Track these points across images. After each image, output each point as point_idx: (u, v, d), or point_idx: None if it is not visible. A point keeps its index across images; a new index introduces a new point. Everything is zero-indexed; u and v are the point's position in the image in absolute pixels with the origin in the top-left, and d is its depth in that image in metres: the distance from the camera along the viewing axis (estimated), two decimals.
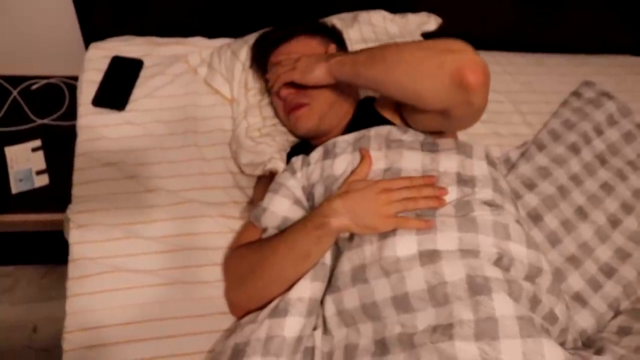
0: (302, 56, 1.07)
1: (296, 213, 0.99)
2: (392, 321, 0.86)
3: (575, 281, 1.14)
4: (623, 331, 1.06)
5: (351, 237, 0.92)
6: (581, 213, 1.24)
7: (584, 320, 1.09)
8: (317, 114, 1.08)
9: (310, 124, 1.09)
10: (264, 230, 1.02)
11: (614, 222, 1.26)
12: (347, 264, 0.91)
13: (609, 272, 1.17)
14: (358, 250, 0.90)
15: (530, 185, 1.25)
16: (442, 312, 0.82)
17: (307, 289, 0.90)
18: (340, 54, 1.03)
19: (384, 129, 1.02)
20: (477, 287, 0.81)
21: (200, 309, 1.03)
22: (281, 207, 0.99)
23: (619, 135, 1.42)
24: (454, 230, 0.87)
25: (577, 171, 1.31)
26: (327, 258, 0.94)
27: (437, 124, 0.98)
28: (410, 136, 1.00)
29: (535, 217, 1.20)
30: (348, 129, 1.07)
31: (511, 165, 1.31)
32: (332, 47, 1.16)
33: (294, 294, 0.90)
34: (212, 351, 0.97)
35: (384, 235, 0.88)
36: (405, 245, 0.86)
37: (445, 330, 0.80)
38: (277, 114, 1.21)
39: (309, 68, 1.04)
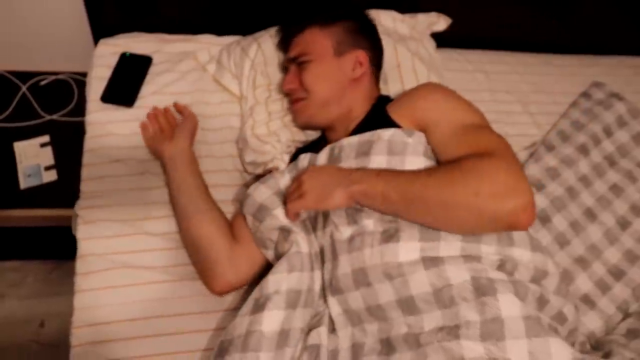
0: (305, 179, 0.95)
1: (273, 202, 1.00)
2: (398, 322, 0.86)
3: (583, 283, 1.13)
4: (632, 334, 1.06)
5: (350, 239, 0.92)
6: (590, 214, 1.24)
7: (592, 322, 1.09)
8: (310, 109, 1.10)
9: (304, 118, 1.13)
10: (244, 218, 1.04)
11: (623, 224, 1.25)
12: (347, 267, 0.90)
13: (617, 274, 1.17)
14: (358, 254, 0.89)
15: (539, 186, 1.24)
16: (448, 314, 0.82)
17: (283, 280, 0.90)
18: (360, 176, 0.91)
19: (388, 132, 0.98)
20: (482, 289, 0.81)
21: (207, 306, 1.03)
22: (260, 195, 1.02)
23: (628, 136, 1.41)
24: (457, 239, 0.86)
25: (586, 172, 1.30)
26: (303, 246, 0.94)
27: None
28: (414, 139, 0.99)
29: (543, 218, 1.19)
30: (356, 130, 1.06)
31: None
32: (361, 54, 1.10)
33: (271, 287, 0.90)
34: None
35: (386, 240, 0.88)
36: (408, 252, 0.86)
37: (451, 330, 0.81)
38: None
39: (324, 193, 0.92)
